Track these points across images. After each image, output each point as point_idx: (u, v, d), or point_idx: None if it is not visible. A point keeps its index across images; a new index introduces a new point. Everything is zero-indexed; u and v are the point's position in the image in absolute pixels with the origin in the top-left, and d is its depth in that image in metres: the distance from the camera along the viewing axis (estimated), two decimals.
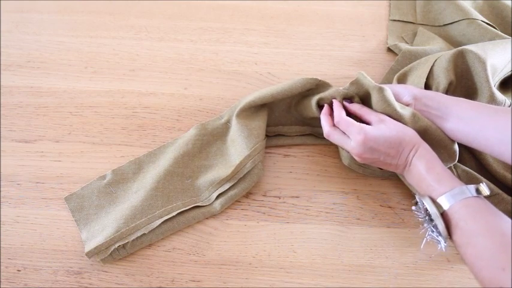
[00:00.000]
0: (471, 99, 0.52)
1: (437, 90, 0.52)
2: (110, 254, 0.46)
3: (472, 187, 0.39)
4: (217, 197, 0.51)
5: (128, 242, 0.47)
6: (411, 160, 0.45)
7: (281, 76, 0.63)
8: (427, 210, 0.41)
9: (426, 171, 0.43)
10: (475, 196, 0.39)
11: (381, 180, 0.54)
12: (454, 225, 0.39)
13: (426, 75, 0.53)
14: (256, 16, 0.70)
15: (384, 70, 0.63)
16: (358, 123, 0.47)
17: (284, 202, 0.52)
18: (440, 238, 0.40)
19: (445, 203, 0.39)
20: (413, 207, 0.43)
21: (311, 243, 0.50)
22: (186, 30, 0.68)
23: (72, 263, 0.48)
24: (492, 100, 0.50)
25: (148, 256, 0.49)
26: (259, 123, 0.53)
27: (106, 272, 0.48)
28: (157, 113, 0.59)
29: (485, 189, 0.39)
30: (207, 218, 0.51)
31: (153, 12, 0.69)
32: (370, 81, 0.48)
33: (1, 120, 0.58)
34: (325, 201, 0.52)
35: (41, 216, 0.51)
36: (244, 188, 0.51)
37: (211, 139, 0.55)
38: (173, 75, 0.63)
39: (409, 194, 0.53)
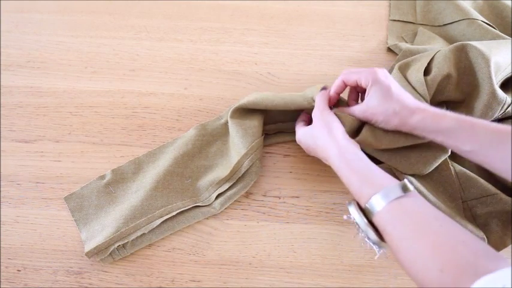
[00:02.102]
0: (472, 95, 0.51)
1: (436, 76, 0.51)
2: (110, 254, 0.46)
3: (397, 186, 0.37)
4: (217, 196, 0.51)
5: (127, 242, 0.47)
6: (333, 164, 0.43)
7: (281, 76, 0.63)
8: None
9: (348, 173, 0.41)
10: (400, 196, 0.36)
11: None
12: (382, 231, 0.37)
13: (427, 63, 0.52)
14: (256, 16, 0.70)
15: None
16: (302, 125, 0.50)
17: (284, 202, 0.52)
18: (374, 246, 0.38)
19: (372, 208, 0.37)
20: (345, 217, 0.40)
21: (311, 243, 0.50)
22: (186, 30, 0.68)
23: (72, 263, 0.48)
24: (493, 97, 0.49)
25: (148, 256, 0.49)
26: (254, 123, 0.53)
27: (106, 272, 0.48)
28: (157, 113, 0.59)
29: (409, 185, 0.37)
30: (207, 218, 0.51)
31: (153, 12, 0.69)
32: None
33: (1, 120, 0.58)
34: (325, 201, 0.52)
35: (41, 216, 0.51)
36: (243, 186, 0.51)
37: (211, 139, 0.55)
38: (173, 75, 0.63)
39: None
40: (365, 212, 0.38)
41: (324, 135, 0.45)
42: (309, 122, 0.52)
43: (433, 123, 0.42)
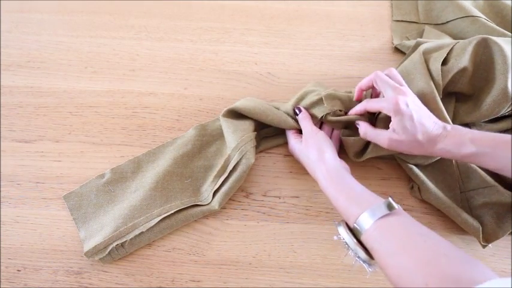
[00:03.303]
0: (483, 90, 0.51)
1: (452, 68, 0.51)
2: (109, 253, 0.46)
3: (382, 204, 0.39)
4: (214, 194, 0.51)
5: (125, 241, 0.47)
6: (320, 184, 0.46)
7: (281, 76, 0.63)
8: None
9: (336, 194, 0.43)
10: (386, 214, 0.38)
11: (381, 180, 0.54)
12: (370, 249, 0.38)
13: (446, 54, 0.52)
14: (256, 16, 0.70)
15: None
16: (295, 135, 0.53)
17: (284, 202, 0.52)
18: (364, 264, 0.39)
19: (360, 228, 0.39)
20: (335, 237, 0.42)
21: (311, 243, 0.50)
22: (186, 30, 0.68)
23: (72, 263, 0.48)
24: (503, 94, 0.49)
25: (148, 256, 0.49)
26: (245, 121, 0.53)
27: (106, 272, 0.48)
28: (157, 113, 0.59)
29: (393, 203, 0.39)
30: (207, 218, 0.51)
31: (153, 12, 0.69)
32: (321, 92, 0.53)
33: (1, 120, 0.58)
34: (325, 201, 0.52)
35: (41, 216, 0.51)
36: (236, 179, 0.50)
37: (210, 140, 0.55)
38: (173, 75, 0.63)
39: (409, 194, 0.53)
40: (353, 232, 0.40)
41: (314, 156, 0.47)
42: (299, 130, 0.54)
43: (455, 150, 0.43)
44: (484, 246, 0.48)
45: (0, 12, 0.69)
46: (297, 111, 0.52)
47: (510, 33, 0.61)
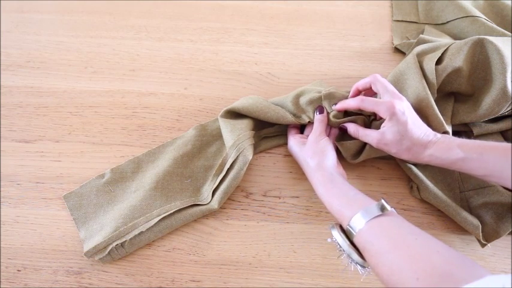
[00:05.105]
0: (482, 90, 0.51)
1: (447, 67, 0.51)
2: (109, 253, 0.46)
3: (374, 206, 0.39)
4: (213, 194, 0.50)
5: (125, 241, 0.47)
6: (316, 189, 0.47)
7: (281, 76, 0.63)
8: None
9: (330, 199, 0.44)
10: (378, 215, 0.39)
11: (381, 180, 0.54)
12: (362, 249, 0.39)
13: (441, 53, 0.52)
14: (256, 16, 0.70)
15: (384, 69, 0.63)
16: (295, 137, 0.53)
17: (284, 202, 0.52)
18: (358, 266, 0.40)
19: (352, 229, 0.39)
20: (329, 240, 0.43)
21: (311, 243, 0.50)
22: (186, 30, 0.68)
23: (72, 263, 0.48)
24: (503, 94, 0.49)
25: (148, 256, 0.49)
26: (242, 120, 0.53)
27: (106, 272, 0.48)
28: (157, 113, 0.59)
29: (386, 205, 0.39)
30: (207, 218, 0.51)
31: (153, 12, 0.69)
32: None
33: (1, 120, 0.58)
34: None
35: (41, 216, 0.51)
36: (234, 177, 0.50)
37: (210, 140, 0.55)
38: (173, 75, 0.63)
39: (409, 194, 0.53)
40: (347, 234, 0.40)
41: (313, 164, 0.48)
42: (300, 130, 0.55)
43: (444, 156, 0.43)
44: (483, 245, 0.48)
45: (0, 12, 0.69)
46: (318, 111, 0.52)
47: (510, 33, 0.61)
